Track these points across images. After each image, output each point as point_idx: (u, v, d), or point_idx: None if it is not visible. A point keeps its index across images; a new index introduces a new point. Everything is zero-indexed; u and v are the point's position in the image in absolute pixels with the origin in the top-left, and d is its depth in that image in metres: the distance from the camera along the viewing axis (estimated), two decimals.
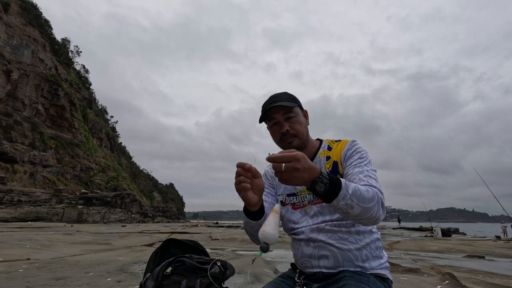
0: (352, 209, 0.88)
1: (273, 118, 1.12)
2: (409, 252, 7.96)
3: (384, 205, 0.95)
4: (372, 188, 0.94)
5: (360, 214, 0.90)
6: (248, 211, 1.02)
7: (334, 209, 0.91)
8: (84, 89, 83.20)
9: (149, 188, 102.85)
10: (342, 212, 0.90)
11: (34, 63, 56.46)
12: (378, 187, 0.97)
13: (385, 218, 1.01)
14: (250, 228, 1.08)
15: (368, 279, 0.98)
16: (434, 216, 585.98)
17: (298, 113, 1.13)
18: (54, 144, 53.47)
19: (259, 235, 0.86)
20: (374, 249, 1.07)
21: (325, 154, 1.15)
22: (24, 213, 31.72)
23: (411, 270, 4.57)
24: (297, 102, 1.15)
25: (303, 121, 1.14)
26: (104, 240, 9.50)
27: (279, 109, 1.10)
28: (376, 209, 0.91)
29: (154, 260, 1.28)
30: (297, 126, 1.11)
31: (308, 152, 1.16)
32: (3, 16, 51.56)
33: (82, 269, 4.02)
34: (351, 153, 1.10)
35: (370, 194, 0.91)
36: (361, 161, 1.07)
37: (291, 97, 1.15)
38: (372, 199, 0.91)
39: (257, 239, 0.95)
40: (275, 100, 1.11)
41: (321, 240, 1.06)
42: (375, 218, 0.92)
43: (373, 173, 1.04)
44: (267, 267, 4.36)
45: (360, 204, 0.88)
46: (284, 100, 1.10)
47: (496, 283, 3.72)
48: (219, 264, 1.24)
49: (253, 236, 1.10)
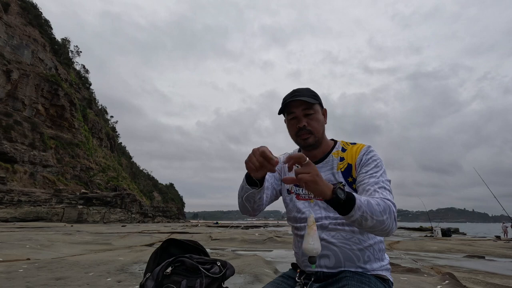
0: (366, 221, 0.89)
1: (292, 112, 1.12)
2: (409, 252, 7.96)
3: (396, 218, 0.95)
4: (384, 201, 0.94)
5: (374, 227, 0.91)
6: (249, 177, 1.02)
7: (349, 221, 0.91)
8: (84, 89, 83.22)
9: (149, 188, 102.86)
10: (357, 223, 0.91)
11: (34, 63, 56.47)
12: (391, 200, 0.97)
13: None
14: (243, 194, 1.07)
15: (368, 280, 0.98)
16: (434, 216, 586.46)
17: (317, 111, 1.13)
18: (54, 144, 53.49)
19: (307, 247, 0.87)
20: (377, 251, 1.07)
21: (338, 154, 1.15)
22: (24, 213, 31.72)
23: (411, 270, 4.57)
24: (318, 100, 1.14)
25: (321, 119, 1.14)
26: (104, 240, 9.49)
27: (299, 104, 1.10)
28: (389, 221, 0.92)
29: (154, 260, 1.28)
30: (315, 124, 1.11)
31: (322, 151, 1.16)
32: (3, 16, 51.56)
33: (82, 269, 4.02)
34: (367, 160, 1.09)
35: (382, 208, 0.91)
36: (377, 170, 1.06)
37: (313, 94, 1.14)
38: (384, 212, 0.91)
39: (245, 209, 1.10)
40: (297, 94, 1.11)
41: (323, 238, 1.05)
42: (387, 231, 0.93)
43: (388, 184, 1.03)
44: (267, 267, 4.36)
45: (373, 217, 0.89)
46: (305, 96, 1.10)
47: (496, 283, 3.71)
48: (219, 264, 1.24)
49: (243, 204, 1.10)
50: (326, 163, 1.14)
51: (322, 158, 1.16)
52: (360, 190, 1.05)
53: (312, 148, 1.14)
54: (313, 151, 1.16)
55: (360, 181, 1.06)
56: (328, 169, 1.13)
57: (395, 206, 0.95)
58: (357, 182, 1.07)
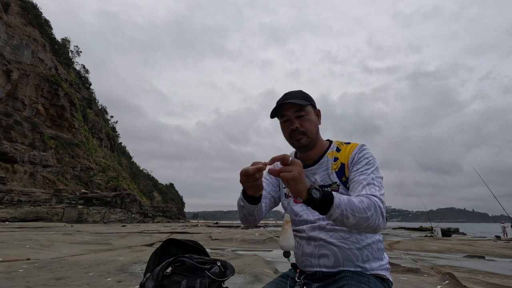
0: (348, 219, 0.89)
1: (285, 115, 1.13)
2: (409, 252, 7.97)
3: (384, 214, 0.94)
4: (369, 198, 0.94)
5: (357, 224, 0.91)
6: (246, 194, 1.04)
7: (330, 220, 0.92)
8: (84, 89, 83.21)
9: (149, 188, 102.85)
10: (339, 222, 0.91)
11: (34, 63, 56.47)
12: (378, 196, 0.96)
13: (385, 218, 1.01)
14: (240, 207, 1.10)
15: (368, 279, 0.98)
16: (434, 216, 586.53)
17: (309, 112, 1.14)
18: (54, 144, 53.49)
19: (280, 244, 0.95)
20: (375, 250, 1.07)
21: (333, 155, 1.16)
22: (24, 213, 31.72)
23: (411, 270, 4.57)
24: (310, 101, 1.15)
25: (313, 120, 1.15)
26: (104, 240, 9.49)
27: (291, 107, 1.11)
28: (374, 218, 0.91)
29: (154, 260, 1.28)
30: (307, 125, 1.12)
31: (317, 151, 1.18)
32: (3, 16, 51.56)
33: (82, 269, 4.02)
34: (359, 158, 1.10)
35: (365, 204, 0.91)
36: (368, 167, 1.06)
37: (304, 96, 1.16)
38: (368, 208, 0.91)
39: (247, 222, 1.13)
40: (288, 97, 1.13)
41: (322, 238, 1.06)
42: (373, 227, 0.93)
43: (378, 181, 1.03)
44: (267, 267, 4.36)
45: (355, 215, 0.89)
46: (296, 98, 1.12)
47: (496, 283, 3.72)
48: (219, 264, 1.24)
49: (245, 219, 1.13)
50: (321, 164, 1.16)
51: (317, 160, 1.17)
52: (350, 187, 1.06)
53: (306, 149, 1.16)
54: (309, 152, 1.17)
55: (351, 179, 1.08)
56: (323, 170, 1.14)
57: (382, 202, 0.95)
58: (349, 180, 1.09)
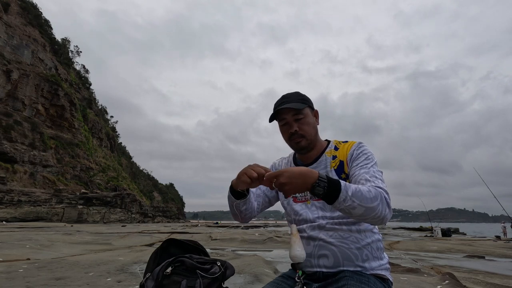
0: (354, 209, 0.90)
1: (283, 119, 1.16)
2: (409, 252, 7.96)
3: (390, 205, 0.96)
4: (375, 188, 0.95)
5: (364, 214, 0.91)
6: (234, 189, 1.10)
7: (338, 210, 0.94)
8: (84, 89, 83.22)
9: (149, 188, 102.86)
10: (345, 212, 0.92)
11: (34, 63, 56.47)
12: (383, 187, 0.98)
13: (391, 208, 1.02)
14: (230, 201, 1.16)
15: (368, 279, 0.98)
16: (434, 216, 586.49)
17: (307, 114, 1.16)
18: (54, 144, 53.49)
19: (291, 255, 1.01)
20: (375, 250, 1.08)
21: (331, 153, 1.18)
22: (24, 213, 31.73)
23: (411, 270, 4.57)
24: (307, 103, 1.18)
25: (311, 122, 1.17)
26: (104, 240, 9.49)
27: (289, 110, 1.13)
28: (380, 208, 0.92)
29: (154, 260, 1.28)
30: (306, 127, 1.15)
31: (316, 151, 1.20)
32: (3, 16, 51.56)
33: (82, 269, 4.02)
34: (358, 154, 1.12)
35: (373, 194, 0.92)
36: (368, 162, 1.09)
37: (302, 98, 1.18)
38: (375, 198, 0.92)
39: (235, 216, 1.17)
40: (285, 101, 1.15)
41: (321, 238, 1.07)
42: (380, 218, 0.93)
43: (379, 174, 1.06)
44: (267, 267, 4.36)
45: (362, 204, 0.90)
46: (294, 102, 1.14)
47: (496, 283, 3.72)
48: (219, 264, 1.24)
49: (233, 212, 1.18)
50: (319, 163, 1.18)
51: (316, 159, 1.19)
52: (353, 182, 1.07)
53: (306, 151, 1.18)
54: (308, 153, 1.20)
55: (352, 174, 1.10)
56: (321, 168, 1.16)
57: (387, 193, 0.97)
58: (350, 176, 1.11)
